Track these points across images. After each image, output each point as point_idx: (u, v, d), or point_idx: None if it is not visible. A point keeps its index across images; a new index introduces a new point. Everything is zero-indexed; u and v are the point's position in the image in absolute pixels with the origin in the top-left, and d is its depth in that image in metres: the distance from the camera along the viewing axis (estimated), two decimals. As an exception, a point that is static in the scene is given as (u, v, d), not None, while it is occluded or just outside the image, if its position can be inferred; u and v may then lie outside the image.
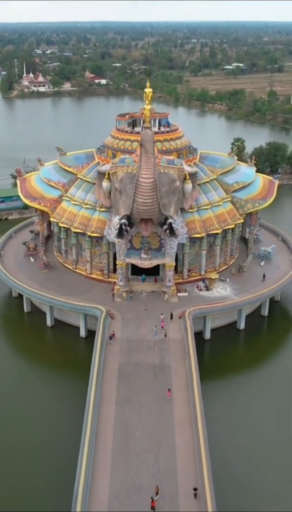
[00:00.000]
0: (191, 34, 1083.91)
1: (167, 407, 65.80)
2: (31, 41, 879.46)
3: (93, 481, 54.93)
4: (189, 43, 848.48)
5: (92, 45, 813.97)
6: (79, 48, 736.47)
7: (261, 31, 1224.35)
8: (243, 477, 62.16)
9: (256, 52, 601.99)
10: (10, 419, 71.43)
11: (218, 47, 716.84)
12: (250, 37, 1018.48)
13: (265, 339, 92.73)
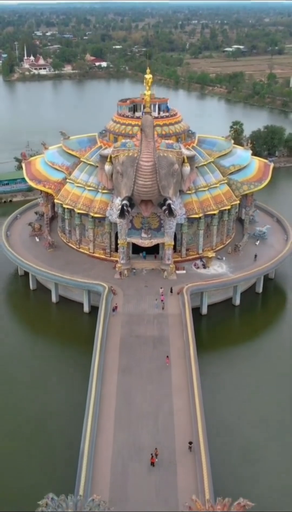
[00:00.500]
0: (191, 15, 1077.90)
1: (165, 375, 70.88)
2: (31, 22, 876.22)
3: (98, 441, 59.97)
4: (190, 25, 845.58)
5: (92, 26, 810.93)
6: (79, 30, 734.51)
7: (262, 12, 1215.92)
8: (236, 435, 67.40)
9: (256, 34, 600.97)
10: (20, 387, 76.38)
11: (218, 28, 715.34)
12: (251, 18, 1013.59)
13: (259, 314, 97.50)
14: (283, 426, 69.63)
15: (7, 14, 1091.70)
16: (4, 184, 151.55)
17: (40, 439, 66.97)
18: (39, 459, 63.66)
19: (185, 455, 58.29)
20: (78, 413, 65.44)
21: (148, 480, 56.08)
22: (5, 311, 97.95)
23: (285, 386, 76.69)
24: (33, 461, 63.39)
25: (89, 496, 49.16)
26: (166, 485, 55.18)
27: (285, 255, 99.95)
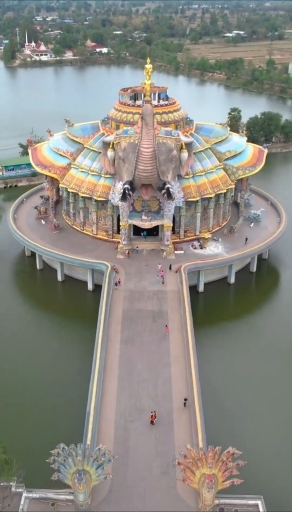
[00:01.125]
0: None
1: (164, 345, 77.09)
2: (31, 7, 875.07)
3: (103, 403, 66.18)
4: (190, 9, 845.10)
5: (93, 11, 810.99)
6: (80, 15, 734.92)
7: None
8: (228, 397, 73.72)
9: (257, 19, 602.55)
10: (29, 357, 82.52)
11: (219, 13, 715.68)
12: (252, 2, 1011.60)
13: (252, 292, 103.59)
14: (271, 389, 75.94)
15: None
16: (10, 169, 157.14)
17: (49, 401, 73.12)
18: (50, 417, 69.74)
19: (181, 414, 64.58)
20: (84, 380, 71.34)
21: (147, 436, 62.40)
22: (13, 289, 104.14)
23: (275, 357, 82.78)
24: (44, 419, 69.52)
25: (95, 447, 55.51)
26: (163, 440, 61.50)
27: (277, 236, 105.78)
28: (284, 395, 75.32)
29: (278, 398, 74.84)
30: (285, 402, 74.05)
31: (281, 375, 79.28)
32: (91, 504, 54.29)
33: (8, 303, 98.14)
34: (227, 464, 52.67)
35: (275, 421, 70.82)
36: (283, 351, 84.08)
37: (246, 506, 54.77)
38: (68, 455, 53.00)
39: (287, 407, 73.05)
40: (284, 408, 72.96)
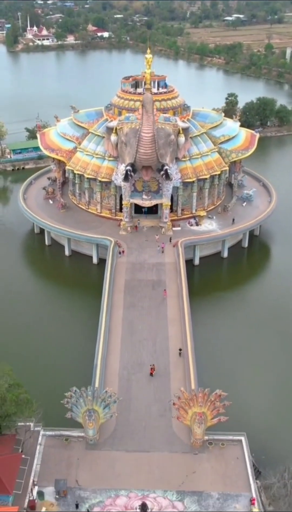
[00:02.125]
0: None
1: (162, 310, 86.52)
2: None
3: (108, 358, 75.64)
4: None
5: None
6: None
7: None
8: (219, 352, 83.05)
9: (256, 3, 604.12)
10: (42, 321, 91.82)
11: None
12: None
13: (244, 266, 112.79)
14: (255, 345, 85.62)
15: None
16: (17, 152, 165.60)
17: (61, 355, 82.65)
18: (62, 369, 78.99)
19: (177, 368, 74.12)
20: (91, 340, 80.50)
21: (147, 385, 72.04)
22: (23, 263, 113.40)
23: (262, 321, 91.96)
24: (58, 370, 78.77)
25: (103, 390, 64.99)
26: (161, 389, 71.11)
27: (267, 214, 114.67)
28: (266, 349, 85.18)
29: (261, 352, 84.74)
30: (267, 355, 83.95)
31: (264, 334, 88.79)
32: (99, 439, 64.01)
33: (20, 276, 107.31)
34: (214, 404, 62.19)
35: (258, 369, 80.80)
36: (269, 316, 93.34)
37: (231, 441, 64.54)
38: (79, 396, 62.48)
39: (269, 359, 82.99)
40: (266, 360, 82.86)
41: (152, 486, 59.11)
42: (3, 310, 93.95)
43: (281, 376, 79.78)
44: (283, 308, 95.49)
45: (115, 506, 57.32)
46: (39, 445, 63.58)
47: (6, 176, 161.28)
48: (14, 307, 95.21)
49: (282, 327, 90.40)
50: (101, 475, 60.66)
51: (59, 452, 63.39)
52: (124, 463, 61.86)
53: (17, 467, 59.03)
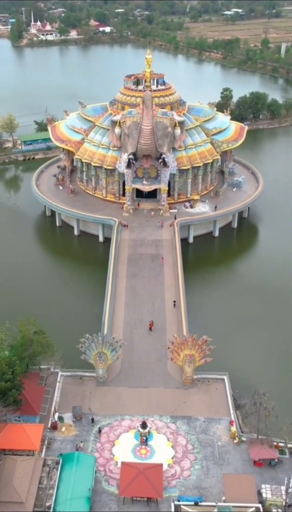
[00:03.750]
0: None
1: (159, 278, 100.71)
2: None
3: (114, 316, 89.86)
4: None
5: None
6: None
7: None
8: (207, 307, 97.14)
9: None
10: (56, 289, 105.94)
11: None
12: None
13: (234, 244, 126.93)
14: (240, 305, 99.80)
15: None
16: (28, 144, 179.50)
17: (74, 315, 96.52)
18: (76, 324, 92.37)
19: (172, 323, 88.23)
20: (98, 304, 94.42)
21: (147, 337, 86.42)
22: (36, 242, 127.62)
23: (247, 288, 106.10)
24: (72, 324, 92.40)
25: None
26: (158, 340, 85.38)
27: (254, 198, 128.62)
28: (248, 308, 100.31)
29: (243, 309, 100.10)
30: (249, 312, 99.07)
31: (248, 297, 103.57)
32: (107, 378, 78.34)
33: (35, 253, 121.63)
34: (202, 347, 76.33)
35: (241, 322, 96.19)
36: (254, 284, 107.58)
37: (215, 379, 78.89)
38: (91, 341, 76.68)
39: (251, 315, 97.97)
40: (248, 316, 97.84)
41: (150, 413, 73.41)
42: (24, 281, 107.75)
43: (260, 327, 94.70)
44: (266, 278, 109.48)
45: (121, 426, 71.68)
46: (58, 383, 77.92)
47: (18, 165, 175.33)
48: (31, 279, 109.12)
49: (263, 291, 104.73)
50: (109, 405, 75.02)
51: (74, 388, 77.82)
52: (128, 396, 76.23)
53: (41, 396, 73.61)
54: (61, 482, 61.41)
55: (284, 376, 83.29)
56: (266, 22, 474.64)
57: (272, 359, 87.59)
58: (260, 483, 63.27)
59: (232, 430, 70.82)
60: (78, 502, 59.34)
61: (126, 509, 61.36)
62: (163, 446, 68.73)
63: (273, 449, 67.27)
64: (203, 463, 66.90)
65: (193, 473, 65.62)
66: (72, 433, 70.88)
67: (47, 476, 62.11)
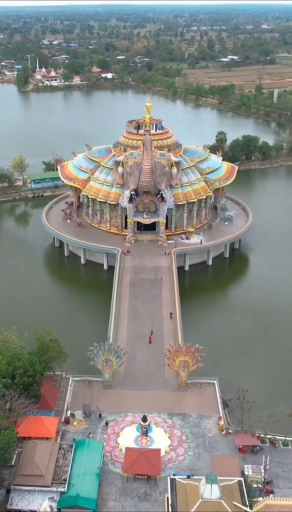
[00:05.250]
0: (192, 21, 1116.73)
1: (158, 300, 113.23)
2: (37, 29, 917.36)
3: (118, 332, 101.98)
4: (190, 31, 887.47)
5: (96, 34, 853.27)
6: (84, 38, 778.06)
7: (262, 16, 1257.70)
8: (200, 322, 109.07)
9: (251, 44, 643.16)
10: (64, 311, 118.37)
11: (217, 36, 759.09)
12: (250, 23, 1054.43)
13: (225, 272, 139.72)
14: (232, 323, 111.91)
15: (11, 19, 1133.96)
16: (37, 182, 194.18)
17: (81, 332, 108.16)
18: (85, 338, 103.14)
19: (169, 338, 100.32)
20: (104, 323, 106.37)
21: (147, 349, 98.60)
22: (47, 270, 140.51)
23: (238, 310, 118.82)
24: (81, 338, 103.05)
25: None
26: (157, 351, 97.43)
27: (244, 231, 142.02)
28: (236, 324, 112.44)
29: (233, 324, 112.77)
30: (237, 327, 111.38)
31: (239, 316, 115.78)
32: (113, 382, 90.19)
33: (44, 280, 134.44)
34: (194, 355, 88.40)
35: (230, 334, 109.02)
36: (243, 308, 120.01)
37: (206, 383, 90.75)
38: (99, 349, 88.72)
39: (239, 329, 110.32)
40: (237, 330, 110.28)
41: (150, 410, 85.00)
42: (37, 304, 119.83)
43: (246, 340, 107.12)
44: (254, 300, 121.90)
45: (125, 421, 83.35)
46: (70, 386, 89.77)
47: (28, 202, 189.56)
48: (43, 301, 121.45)
49: (251, 312, 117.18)
50: (115, 404, 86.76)
51: (84, 390, 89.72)
52: (130, 397, 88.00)
53: (56, 395, 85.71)
54: (74, 462, 72.80)
55: (265, 379, 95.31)
56: (261, 69, 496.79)
57: (255, 365, 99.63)
58: (243, 465, 74.78)
59: (220, 424, 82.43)
60: (89, 477, 70.73)
61: (130, 485, 72.72)
62: (160, 437, 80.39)
63: (255, 438, 78.97)
64: (195, 450, 78.42)
65: (186, 458, 77.12)
66: (83, 427, 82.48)
67: (63, 457, 73.53)
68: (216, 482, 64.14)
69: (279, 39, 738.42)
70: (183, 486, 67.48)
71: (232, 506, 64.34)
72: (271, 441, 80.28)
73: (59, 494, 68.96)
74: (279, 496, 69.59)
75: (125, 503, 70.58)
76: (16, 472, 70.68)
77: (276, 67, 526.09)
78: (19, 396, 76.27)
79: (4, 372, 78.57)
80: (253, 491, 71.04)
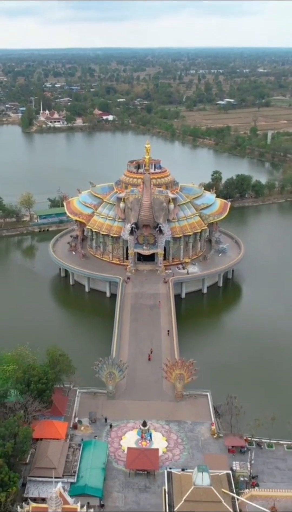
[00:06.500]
0: (190, 65, 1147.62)
1: (156, 322, 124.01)
2: (39, 72, 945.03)
3: (120, 351, 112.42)
4: (188, 74, 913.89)
5: (97, 77, 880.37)
6: (86, 81, 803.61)
7: (258, 60, 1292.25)
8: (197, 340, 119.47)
9: (247, 87, 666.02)
10: (70, 334, 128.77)
11: (214, 79, 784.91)
12: (246, 66, 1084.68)
13: (219, 299, 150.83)
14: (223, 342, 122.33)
15: (14, 62, 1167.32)
16: (43, 218, 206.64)
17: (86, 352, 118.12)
18: (89, 357, 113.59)
19: (167, 354, 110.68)
20: (107, 344, 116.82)
21: (146, 365, 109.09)
22: (53, 298, 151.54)
23: (230, 335, 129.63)
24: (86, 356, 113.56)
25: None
26: (155, 367, 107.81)
27: (236, 262, 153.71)
28: (227, 343, 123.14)
29: (225, 344, 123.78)
30: (228, 346, 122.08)
31: (230, 338, 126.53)
32: (116, 393, 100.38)
33: (51, 307, 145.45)
34: (189, 368, 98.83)
35: (221, 351, 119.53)
36: (235, 331, 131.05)
37: (200, 395, 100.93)
38: (103, 363, 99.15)
39: (230, 348, 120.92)
40: (228, 349, 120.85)
41: (149, 418, 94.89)
42: (43, 327, 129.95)
43: (236, 357, 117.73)
44: (245, 324, 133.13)
45: (127, 427, 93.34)
46: (77, 397, 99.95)
47: (34, 236, 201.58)
48: (50, 326, 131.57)
49: (241, 334, 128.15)
50: (117, 412, 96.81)
51: (90, 400, 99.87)
52: (132, 407, 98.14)
53: (65, 403, 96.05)
54: (82, 458, 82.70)
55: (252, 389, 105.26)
56: (256, 111, 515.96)
57: (244, 379, 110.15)
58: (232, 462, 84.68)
59: (212, 429, 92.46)
60: (96, 470, 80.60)
61: (131, 479, 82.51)
62: (158, 439, 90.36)
63: (242, 440, 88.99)
64: (190, 451, 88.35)
65: (181, 457, 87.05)
66: (89, 431, 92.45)
67: (72, 454, 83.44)
68: (207, 471, 74.18)
69: (275, 82, 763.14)
70: (178, 477, 77.48)
71: (221, 493, 74.29)
72: (257, 443, 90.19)
73: (69, 485, 78.70)
74: (263, 488, 79.91)
75: (127, 494, 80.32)
76: (32, 466, 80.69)
77: (271, 109, 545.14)
78: (34, 401, 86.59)
79: (20, 379, 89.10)
80: (240, 483, 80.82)
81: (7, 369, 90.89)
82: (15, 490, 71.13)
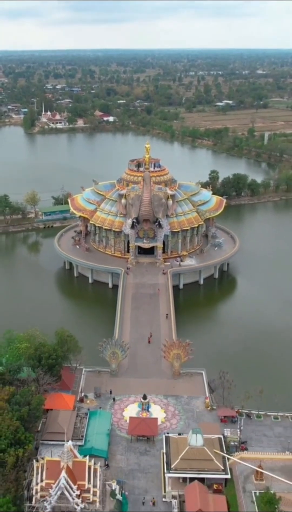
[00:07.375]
0: (190, 66, 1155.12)
1: (156, 309, 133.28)
2: (40, 74, 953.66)
3: (122, 335, 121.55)
4: (188, 76, 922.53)
5: (97, 78, 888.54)
6: (86, 82, 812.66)
7: (258, 61, 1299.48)
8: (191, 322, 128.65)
9: (245, 89, 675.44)
10: (76, 320, 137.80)
11: (213, 81, 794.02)
12: (246, 68, 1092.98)
13: (215, 290, 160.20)
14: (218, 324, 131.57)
15: (14, 64, 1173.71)
16: (47, 214, 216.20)
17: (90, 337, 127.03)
18: (93, 339, 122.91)
19: (165, 336, 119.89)
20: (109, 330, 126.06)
21: (146, 347, 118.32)
22: (58, 289, 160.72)
23: (224, 321, 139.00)
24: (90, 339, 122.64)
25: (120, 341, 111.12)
26: (155, 349, 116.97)
27: (231, 255, 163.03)
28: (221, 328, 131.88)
29: (219, 328, 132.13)
30: (222, 330, 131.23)
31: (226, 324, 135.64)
32: (118, 371, 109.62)
33: (56, 297, 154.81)
34: (186, 348, 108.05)
35: (218, 334, 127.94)
36: (230, 318, 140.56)
37: (196, 373, 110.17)
38: (107, 344, 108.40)
39: (223, 331, 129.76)
40: (221, 332, 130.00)
41: (149, 393, 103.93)
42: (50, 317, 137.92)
43: (230, 340, 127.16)
44: (239, 314, 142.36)
45: (129, 401, 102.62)
46: (83, 375, 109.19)
47: (39, 232, 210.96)
48: (56, 315, 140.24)
49: (237, 321, 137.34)
50: (120, 389, 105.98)
51: (95, 378, 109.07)
52: (133, 383, 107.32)
53: (73, 380, 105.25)
54: (89, 425, 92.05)
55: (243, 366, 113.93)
56: (254, 112, 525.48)
57: (235, 357, 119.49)
58: (223, 429, 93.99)
59: (206, 402, 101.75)
60: (101, 435, 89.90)
61: (133, 444, 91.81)
62: (157, 411, 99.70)
63: (233, 411, 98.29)
64: (186, 421, 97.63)
65: (178, 426, 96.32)
66: (94, 404, 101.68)
67: (80, 422, 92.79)
68: (200, 433, 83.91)
69: (273, 84, 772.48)
70: (175, 440, 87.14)
71: (213, 453, 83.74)
72: (247, 414, 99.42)
73: (77, 447, 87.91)
74: (251, 451, 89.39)
75: (129, 457, 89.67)
76: (43, 431, 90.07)
77: (269, 110, 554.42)
78: (45, 374, 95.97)
79: (32, 355, 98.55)
80: (231, 448, 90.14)
81: (20, 347, 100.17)
82: (30, 447, 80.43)
